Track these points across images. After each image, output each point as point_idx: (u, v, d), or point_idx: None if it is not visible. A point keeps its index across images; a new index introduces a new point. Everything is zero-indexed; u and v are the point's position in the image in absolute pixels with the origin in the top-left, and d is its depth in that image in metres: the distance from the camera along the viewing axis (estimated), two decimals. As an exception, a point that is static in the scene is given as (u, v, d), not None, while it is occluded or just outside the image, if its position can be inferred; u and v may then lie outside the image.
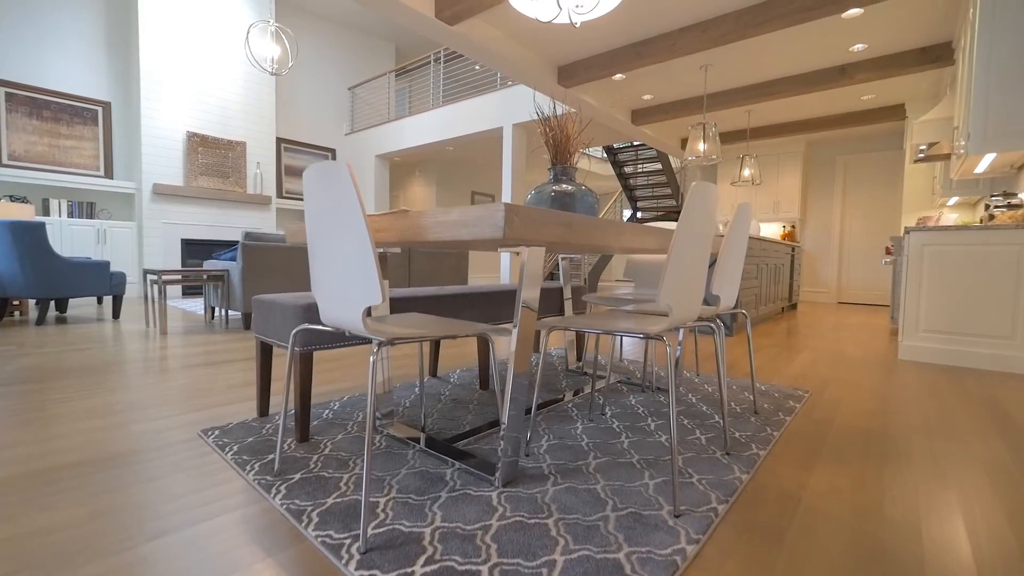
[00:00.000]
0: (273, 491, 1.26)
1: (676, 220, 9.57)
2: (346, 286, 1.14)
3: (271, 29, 5.44)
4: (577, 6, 2.05)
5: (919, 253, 3.16)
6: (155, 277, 3.69)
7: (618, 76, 5.08)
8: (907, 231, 3.23)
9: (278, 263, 4.02)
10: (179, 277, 3.75)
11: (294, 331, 1.35)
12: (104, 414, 1.84)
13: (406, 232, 1.15)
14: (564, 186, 1.90)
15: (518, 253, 1.21)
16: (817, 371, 2.82)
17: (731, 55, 4.63)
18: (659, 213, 9.87)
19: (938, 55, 4.34)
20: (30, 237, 3.74)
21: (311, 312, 1.56)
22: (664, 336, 1.27)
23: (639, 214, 10.09)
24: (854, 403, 2.19)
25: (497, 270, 11.74)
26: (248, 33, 5.10)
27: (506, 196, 6.60)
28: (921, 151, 4.48)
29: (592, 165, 11.20)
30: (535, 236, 1.02)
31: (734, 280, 1.82)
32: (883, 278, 7.41)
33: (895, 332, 4.47)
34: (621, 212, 11.47)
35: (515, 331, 1.38)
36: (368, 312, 1.63)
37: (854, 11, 3.71)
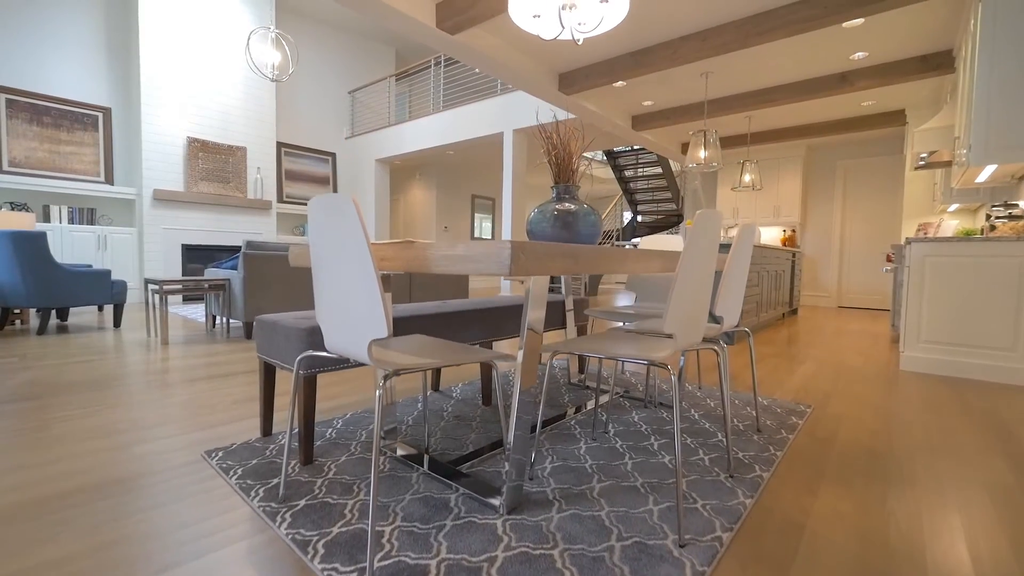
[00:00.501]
0: (278, 519, 1.26)
1: (676, 224, 9.58)
2: (352, 318, 1.14)
3: (271, 35, 5.44)
4: (579, 24, 2.05)
5: (920, 264, 3.16)
6: (156, 287, 3.69)
7: (619, 83, 5.09)
8: (908, 241, 3.23)
9: (279, 273, 4.02)
10: (180, 287, 3.75)
11: (299, 358, 1.35)
12: (107, 434, 1.84)
13: (411, 263, 1.15)
14: (567, 205, 1.90)
15: (522, 282, 1.21)
16: (819, 384, 2.83)
17: (732, 62, 4.64)
18: (659, 216, 9.89)
19: (939, 63, 4.34)
20: (31, 247, 3.73)
21: (315, 335, 1.56)
22: (669, 365, 1.27)
23: (639, 217, 10.10)
24: (856, 419, 2.19)
25: (497, 277, 11.75)
26: (249, 40, 5.10)
27: (506, 200, 6.60)
28: (922, 159, 4.48)
29: (592, 168, 11.20)
30: (541, 270, 1.02)
31: (737, 300, 1.82)
32: (883, 282, 7.41)
33: (896, 340, 4.47)
34: (621, 215, 11.47)
35: (520, 353, 1.38)
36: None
37: (855, 20, 3.72)
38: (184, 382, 2.60)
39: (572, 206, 1.89)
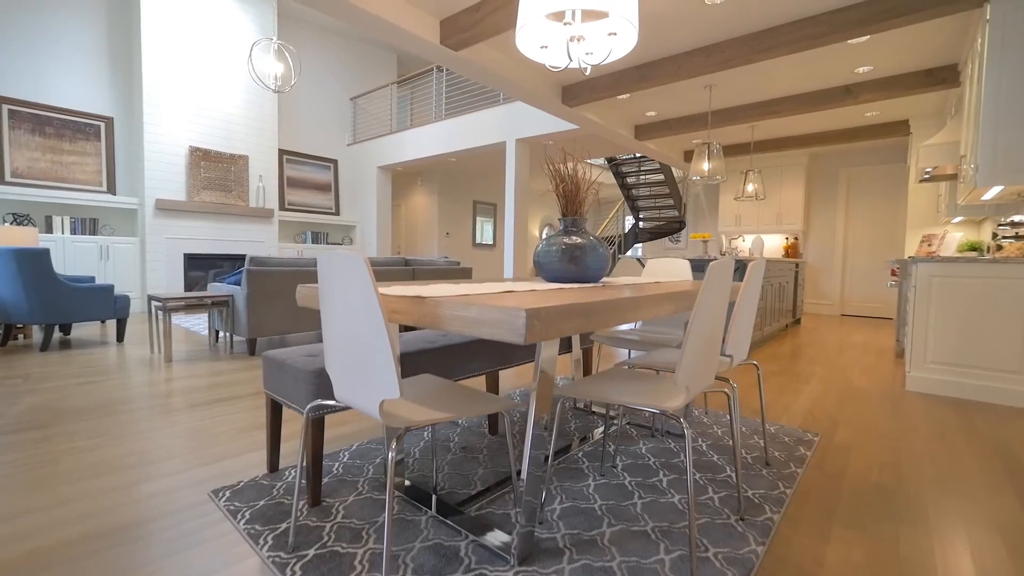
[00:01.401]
0: (288, 572, 1.25)
1: (678, 230, 9.56)
2: (362, 376, 1.13)
3: (274, 46, 5.43)
4: (588, 53, 2.04)
5: (927, 284, 3.15)
6: (160, 303, 3.68)
7: (623, 96, 5.08)
8: (914, 261, 3.22)
9: (283, 288, 4.01)
10: (183, 304, 3.74)
11: (308, 407, 1.34)
12: (114, 470, 1.83)
13: (423, 318, 1.14)
14: (575, 239, 1.89)
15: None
16: (825, 408, 2.81)
17: (735, 76, 4.63)
18: (661, 223, 9.88)
19: (943, 77, 4.33)
20: (35, 264, 3.73)
21: (323, 377, 1.55)
22: (681, 419, 1.26)
23: (641, 224, 10.09)
24: (865, 450, 2.18)
25: (500, 278, 11.73)
26: (251, 51, 5.09)
27: (509, 208, 6.59)
28: (926, 173, 4.47)
29: (593, 174, 11.19)
30: (555, 333, 1.02)
31: (746, 335, 1.81)
32: (886, 290, 7.40)
33: (901, 354, 4.46)
34: (624, 221, 11.45)
35: (533, 396, 1.37)
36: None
37: (860, 38, 3.70)
38: (188, 407, 2.59)
39: (580, 240, 1.89)
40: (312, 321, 4.25)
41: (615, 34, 1.86)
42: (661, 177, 9.00)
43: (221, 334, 4.65)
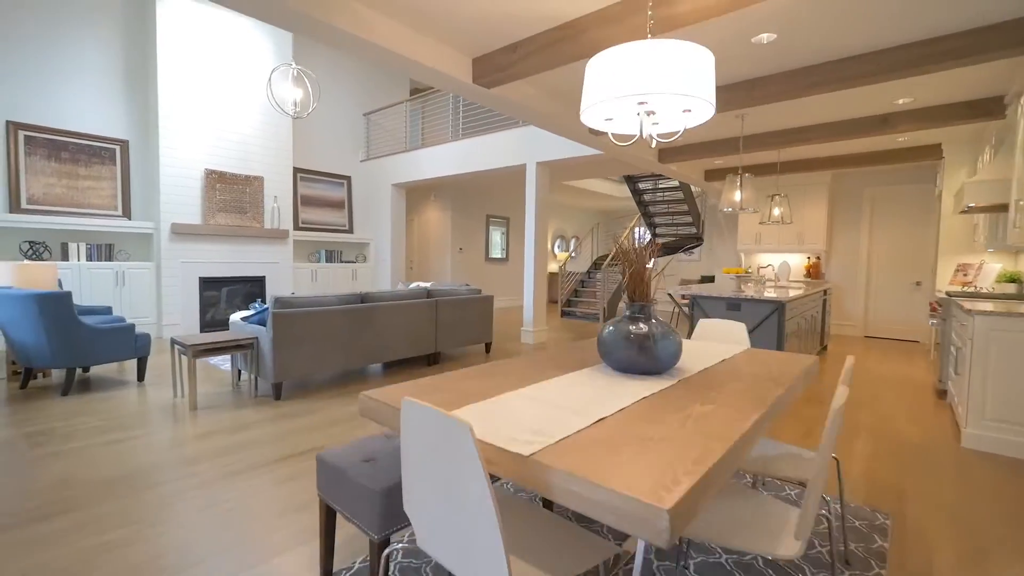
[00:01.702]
0: None
1: (696, 245, 9.41)
2: (462, 553, 1.02)
3: (293, 72, 5.34)
4: (655, 124, 1.92)
5: (985, 339, 3.02)
6: (183, 348, 3.58)
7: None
8: (972, 314, 3.09)
9: (310, 331, 3.90)
10: (207, 348, 3.63)
11: (384, 554, 1.23)
12: (153, 572, 1.72)
13: (525, 479, 1.03)
14: (642, 327, 1.78)
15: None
16: (885, 474, 2.68)
17: (770, 106, 4.50)
18: (676, 238, 9.75)
19: (988, 109, 4.19)
20: (57, 308, 3.63)
21: (393, 498, 1.43)
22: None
23: (658, 239, 9.97)
24: (943, 536, 2.05)
25: (520, 294, 11.62)
26: (270, 78, 4.99)
27: (529, 232, 6.47)
28: (968, 206, 4.33)
29: (608, 187, 11.07)
30: (692, 517, 0.90)
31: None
32: (911, 311, 7.24)
33: (942, 394, 4.32)
34: (640, 235, 11.32)
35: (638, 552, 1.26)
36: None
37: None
38: (222, 477, 2.48)
39: (648, 329, 1.77)
40: (339, 359, 4.14)
41: (690, 111, 1.74)
42: (680, 195, 8.88)
43: (244, 374, 4.55)
